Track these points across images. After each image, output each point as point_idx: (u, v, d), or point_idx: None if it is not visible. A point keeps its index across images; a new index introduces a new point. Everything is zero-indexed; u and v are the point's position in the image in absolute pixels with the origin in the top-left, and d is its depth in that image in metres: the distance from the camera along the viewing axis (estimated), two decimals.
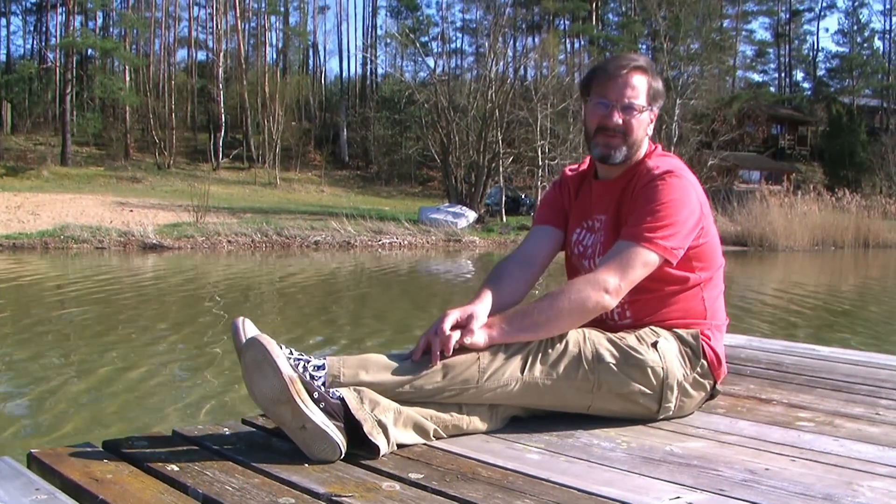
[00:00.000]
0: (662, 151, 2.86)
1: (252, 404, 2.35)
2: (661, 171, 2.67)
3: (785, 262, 27.70)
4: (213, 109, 54.97)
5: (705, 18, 53.39)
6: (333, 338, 9.65)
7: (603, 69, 2.80)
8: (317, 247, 26.95)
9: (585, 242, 2.89)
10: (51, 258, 21.29)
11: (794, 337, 9.32)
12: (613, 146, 2.74)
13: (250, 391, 2.20)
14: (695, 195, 2.68)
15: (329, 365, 2.30)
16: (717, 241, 2.85)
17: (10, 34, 74.76)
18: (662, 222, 2.57)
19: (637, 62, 2.77)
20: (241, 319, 2.36)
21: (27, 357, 8.06)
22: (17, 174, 42.62)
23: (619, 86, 2.72)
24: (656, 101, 2.80)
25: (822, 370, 3.59)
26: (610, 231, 2.78)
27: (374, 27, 70.03)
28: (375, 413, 2.24)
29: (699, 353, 2.71)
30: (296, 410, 2.14)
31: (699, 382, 2.72)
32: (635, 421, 2.63)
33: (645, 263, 2.55)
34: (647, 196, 2.64)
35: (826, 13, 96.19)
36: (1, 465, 2.07)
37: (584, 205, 2.94)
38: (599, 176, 2.92)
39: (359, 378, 2.30)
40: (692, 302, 2.74)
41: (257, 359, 2.15)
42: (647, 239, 2.55)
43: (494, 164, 37.67)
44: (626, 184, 2.77)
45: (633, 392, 2.56)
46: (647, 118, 2.78)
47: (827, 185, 46.62)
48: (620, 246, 2.59)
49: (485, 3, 54.54)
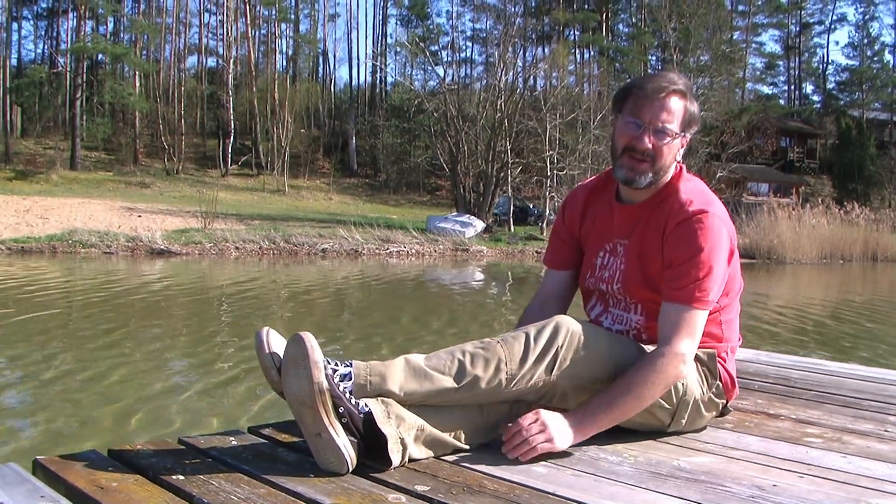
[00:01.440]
0: (688, 173, 2.79)
1: (258, 414, 2.34)
2: (695, 210, 2.60)
3: (793, 275, 27.64)
4: (222, 116, 55.10)
5: (715, 30, 53.47)
6: (346, 345, 9.63)
7: (640, 87, 2.68)
8: (324, 254, 26.96)
9: (608, 266, 2.85)
10: (59, 262, 21.32)
11: (802, 351, 9.29)
12: (640, 171, 2.66)
13: (283, 384, 2.20)
14: (726, 234, 2.64)
15: (356, 374, 2.29)
16: (738, 266, 2.82)
17: (22, 39, 74.95)
18: (706, 275, 2.55)
19: (677, 85, 2.67)
20: (266, 330, 2.34)
21: (33, 362, 8.05)
22: (26, 178, 42.75)
23: (654, 108, 2.63)
24: (690, 126, 2.72)
25: (830, 385, 3.57)
26: (633, 259, 2.75)
27: (385, 36, 70.15)
28: (400, 430, 2.24)
29: (715, 373, 2.71)
30: (317, 418, 2.14)
31: (713, 402, 2.71)
32: (644, 434, 2.62)
33: (702, 323, 2.57)
34: (685, 243, 2.58)
35: (836, 26, 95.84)
36: (6, 471, 2.06)
37: (605, 227, 2.88)
38: (622, 198, 2.84)
39: (386, 387, 2.29)
40: (710, 326, 2.69)
41: (297, 357, 2.16)
42: (698, 299, 2.53)
43: (503, 174, 37.69)
44: (653, 210, 2.72)
45: (653, 405, 2.54)
46: (679, 144, 2.70)
47: (836, 198, 46.64)
48: (680, 311, 2.55)
49: (495, 12, 54.75)
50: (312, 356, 2.14)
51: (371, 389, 2.28)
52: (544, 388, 2.45)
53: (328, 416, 2.14)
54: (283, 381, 2.19)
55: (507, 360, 2.38)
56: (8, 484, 1.97)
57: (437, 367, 2.35)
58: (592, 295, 2.93)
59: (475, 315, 13.66)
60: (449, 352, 2.41)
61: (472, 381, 2.34)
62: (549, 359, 2.42)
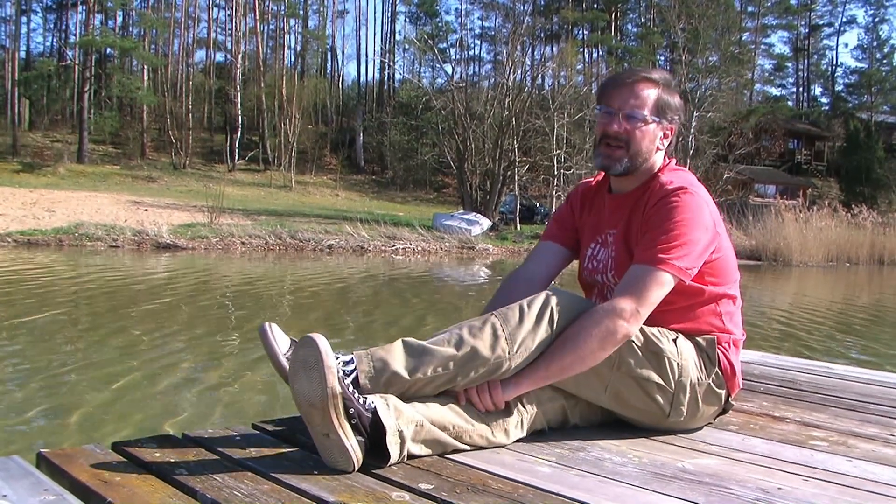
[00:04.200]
0: (676, 166, 2.85)
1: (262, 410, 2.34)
2: (674, 188, 2.65)
3: (799, 277, 27.60)
4: (229, 111, 55.21)
5: (724, 31, 53.28)
6: (350, 341, 9.63)
7: (612, 78, 2.83)
8: (330, 251, 26.96)
9: (599, 257, 2.89)
10: (65, 255, 21.34)
11: (807, 354, 9.28)
12: (615, 158, 2.74)
13: (291, 385, 2.18)
14: (707, 212, 2.65)
15: (358, 363, 2.29)
16: (732, 255, 2.85)
17: (31, 31, 75.13)
18: (675, 242, 2.55)
19: (648, 74, 2.78)
20: (269, 324, 2.39)
21: (37, 355, 8.06)
22: (33, 171, 42.86)
23: (623, 94, 2.73)
24: (665, 114, 2.77)
25: (836, 389, 3.57)
26: (620, 245, 2.78)
27: (393, 32, 70.16)
28: (399, 423, 2.23)
29: (714, 360, 2.71)
30: (326, 420, 2.13)
31: (713, 391, 2.71)
32: (648, 433, 2.63)
33: (660, 285, 2.53)
34: (659, 215, 2.63)
35: (846, 28, 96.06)
36: (10, 464, 2.07)
37: (598, 219, 2.94)
38: (613, 189, 2.92)
39: (390, 369, 2.29)
40: (708, 316, 2.73)
41: (309, 361, 2.14)
42: (660, 260, 2.53)
43: (510, 173, 37.67)
44: (639, 198, 2.76)
45: (649, 381, 2.57)
46: (655, 130, 2.75)
47: (843, 201, 46.56)
48: (635, 270, 2.57)
49: (504, 11, 54.74)
50: (327, 361, 2.12)
51: (375, 375, 2.28)
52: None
53: (338, 419, 2.13)
54: (292, 383, 2.17)
55: (503, 325, 2.41)
56: (11, 477, 1.97)
57: (436, 342, 2.37)
58: (592, 289, 2.95)
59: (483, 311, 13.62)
60: (445, 330, 2.44)
61: (472, 350, 2.34)
62: (546, 320, 2.44)
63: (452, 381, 2.35)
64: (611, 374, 2.55)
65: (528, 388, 2.46)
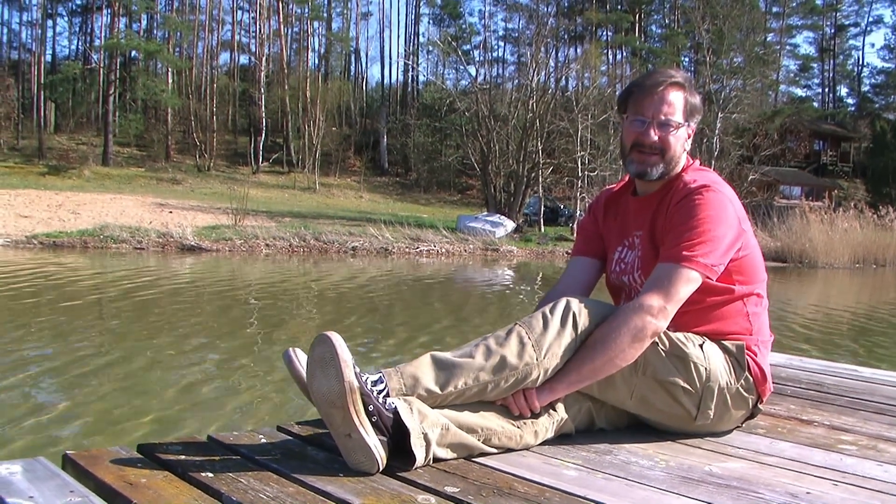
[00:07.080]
0: (700, 166, 2.86)
1: (287, 412, 2.34)
2: (698, 186, 2.66)
3: (825, 279, 27.44)
4: (254, 113, 55.42)
5: (749, 32, 52.96)
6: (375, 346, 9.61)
7: (639, 85, 2.80)
8: (354, 253, 27.01)
9: (626, 259, 2.89)
10: (90, 257, 21.46)
11: (834, 356, 9.21)
12: (650, 164, 2.75)
13: (309, 385, 2.20)
14: (732, 209, 2.65)
15: (388, 381, 2.29)
16: (759, 254, 2.84)
17: (56, 35, 75.45)
18: (700, 239, 2.55)
19: (674, 78, 2.77)
20: (293, 350, 2.45)
21: (64, 357, 8.10)
22: (59, 173, 43.09)
23: (655, 102, 2.73)
24: (693, 116, 2.80)
25: (864, 392, 3.54)
26: (647, 246, 2.78)
27: (417, 34, 70.23)
28: (423, 426, 2.22)
29: (744, 365, 2.70)
30: (347, 419, 2.13)
31: (742, 396, 2.69)
32: (675, 436, 2.61)
33: (686, 281, 2.53)
34: (683, 212, 2.63)
35: (872, 28, 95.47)
36: (36, 465, 2.07)
37: (623, 222, 2.95)
38: (638, 192, 2.93)
39: (421, 386, 2.30)
40: (736, 316, 2.73)
41: (325, 357, 2.14)
42: (685, 258, 2.53)
43: (534, 174, 37.66)
44: (662, 198, 2.77)
45: (675, 385, 2.57)
46: (685, 134, 2.78)
47: (869, 202, 46.16)
48: (661, 268, 2.57)
49: (528, 12, 54.67)
50: (341, 354, 2.13)
51: (406, 393, 2.29)
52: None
53: (358, 416, 2.13)
54: (309, 383, 2.18)
55: (528, 332, 2.42)
56: (37, 479, 1.97)
57: (463, 354, 2.38)
58: (620, 291, 2.95)
59: (507, 314, 13.62)
60: (470, 343, 2.45)
61: (501, 359, 2.36)
62: (570, 324, 2.45)
63: (483, 393, 2.37)
64: (636, 379, 2.55)
65: (562, 392, 2.47)
